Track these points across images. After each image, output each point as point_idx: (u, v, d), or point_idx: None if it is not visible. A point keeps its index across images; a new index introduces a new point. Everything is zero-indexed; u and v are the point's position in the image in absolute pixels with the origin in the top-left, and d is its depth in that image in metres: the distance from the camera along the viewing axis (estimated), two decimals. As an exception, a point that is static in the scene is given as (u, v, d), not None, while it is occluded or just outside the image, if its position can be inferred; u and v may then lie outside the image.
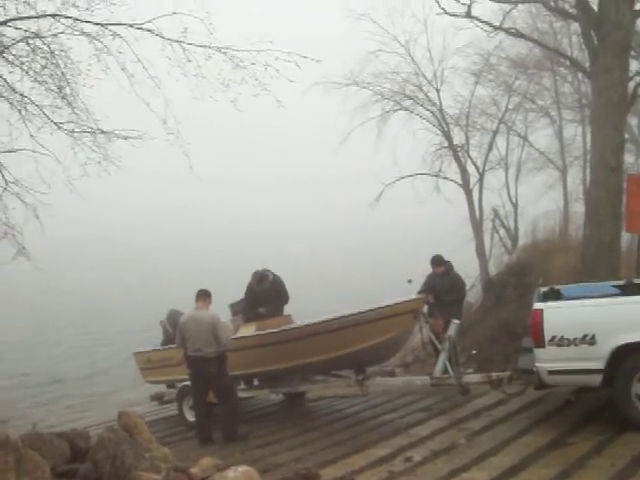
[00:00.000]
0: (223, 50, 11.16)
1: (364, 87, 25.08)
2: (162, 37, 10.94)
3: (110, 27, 10.85)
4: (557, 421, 9.13)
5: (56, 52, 11.07)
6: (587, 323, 8.22)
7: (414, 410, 11.23)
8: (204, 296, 11.23)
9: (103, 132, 11.40)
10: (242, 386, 12.79)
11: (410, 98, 25.53)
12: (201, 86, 11.26)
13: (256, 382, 13.12)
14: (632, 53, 13.73)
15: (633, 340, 7.95)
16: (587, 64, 14.40)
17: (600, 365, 8.09)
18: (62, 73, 11.16)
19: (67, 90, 11.27)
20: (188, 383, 11.82)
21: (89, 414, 17.76)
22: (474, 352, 12.78)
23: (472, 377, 10.45)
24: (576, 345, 8.17)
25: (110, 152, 11.62)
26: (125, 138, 11.35)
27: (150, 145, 12.01)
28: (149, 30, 10.88)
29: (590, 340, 8.12)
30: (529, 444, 8.21)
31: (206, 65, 11.18)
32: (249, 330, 12.07)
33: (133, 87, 11.19)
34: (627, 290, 9.39)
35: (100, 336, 35.54)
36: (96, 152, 11.49)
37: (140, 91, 11.19)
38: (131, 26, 10.78)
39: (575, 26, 19.42)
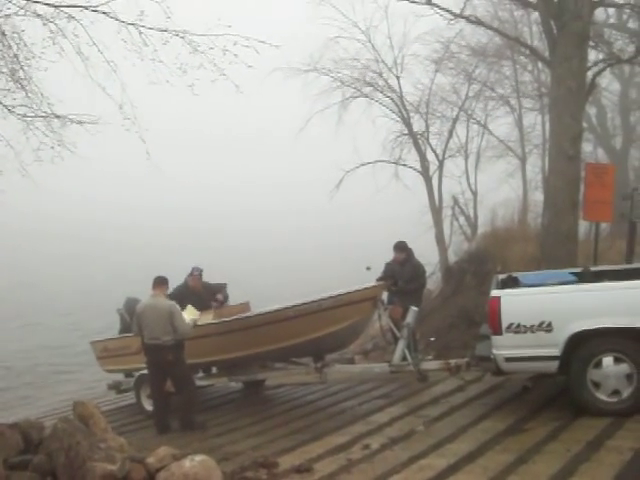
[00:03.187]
0: (180, 34, 10.97)
1: (324, 74, 25.04)
2: (118, 20, 10.71)
3: (65, 9, 10.59)
4: (514, 407, 9.19)
5: (8, 33, 10.79)
6: (544, 310, 8.27)
7: (373, 397, 11.23)
8: (160, 283, 11.09)
9: (57, 116, 11.14)
10: (200, 374, 12.70)
11: (370, 85, 25.53)
12: (158, 71, 11.08)
13: (215, 370, 13.04)
14: (590, 43, 13.78)
15: (589, 327, 8.02)
16: (547, 53, 14.47)
17: (556, 352, 8.15)
18: (15, 55, 10.87)
19: (20, 73, 10.98)
20: (145, 372, 11.71)
21: (43, 404, 17.51)
22: (433, 339, 12.84)
23: (431, 364, 10.49)
24: (533, 332, 8.22)
25: (65, 138, 11.40)
26: (80, 123, 11.12)
27: (108, 134, 11.83)
28: (104, 13, 10.63)
29: (547, 327, 8.17)
30: (487, 430, 8.26)
31: (163, 49, 10.99)
32: (206, 318, 11.97)
33: (88, 71, 10.96)
34: (584, 278, 9.47)
35: (57, 326, 35.17)
36: (49, 137, 11.26)
37: (96, 75, 10.98)
38: (86, 8, 10.52)
39: (535, 15, 19.51)
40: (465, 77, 26.37)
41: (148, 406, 12.25)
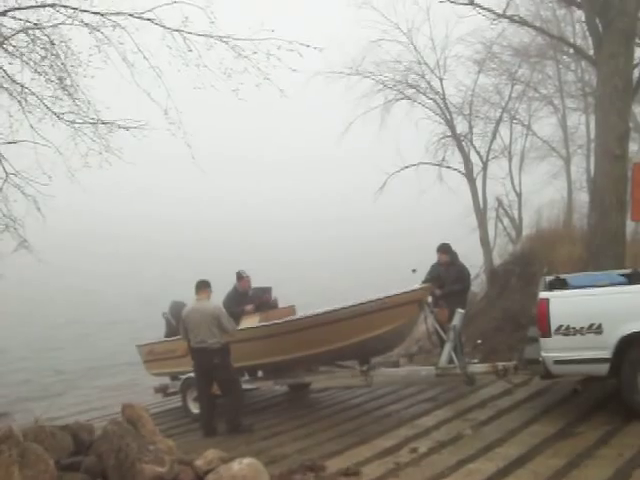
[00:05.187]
0: (224, 39, 11.05)
1: (366, 76, 24.92)
2: (163, 26, 10.83)
3: (110, 17, 10.74)
4: (564, 411, 9.09)
5: (56, 43, 10.96)
6: (594, 312, 8.16)
7: (419, 401, 11.20)
8: (204, 287, 11.18)
9: (104, 123, 11.30)
10: (246, 377, 12.76)
11: (413, 87, 25.38)
12: (203, 76, 11.17)
13: (260, 373, 13.08)
14: (637, 40, 13.59)
15: (640, 329, 7.90)
16: (591, 52, 14.29)
17: (607, 354, 8.04)
18: (62, 64, 11.06)
19: (67, 81, 11.16)
20: (192, 375, 11.79)
21: (93, 407, 17.71)
22: (479, 342, 12.73)
23: (478, 367, 10.40)
24: (582, 334, 8.12)
25: (112, 143, 11.56)
26: (126, 128, 11.24)
27: (154, 137, 11.96)
28: (149, 19, 10.77)
29: (597, 329, 8.06)
30: (536, 434, 8.17)
31: (207, 55, 11.07)
32: (253, 321, 12.03)
33: (134, 77, 11.09)
34: (633, 279, 9.32)
35: (103, 329, 35.61)
36: (97, 143, 11.42)
37: (141, 81, 11.11)
38: (131, 15, 10.67)
39: (579, 13, 19.26)
40: (508, 78, 26.10)
41: (194, 409, 12.35)
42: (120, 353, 25.64)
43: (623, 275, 9.55)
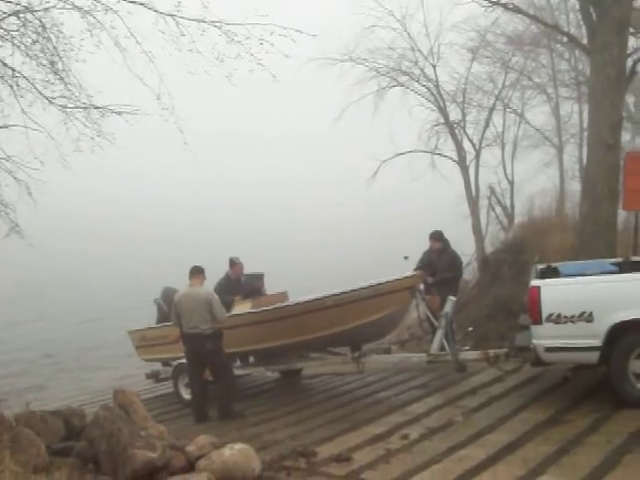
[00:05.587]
0: (217, 24, 10.98)
1: (360, 63, 24.93)
2: (155, 11, 10.73)
3: (102, 1, 10.68)
4: (554, 398, 9.13)
5: (47, 26, 10.84)
6: (585, 300, 8.19)
7: (410, 387, 11.22)
8: (198, 272, 11.16)
9: (96, 107, 11.22)
10: (238, 363, 12.79)
11: (406, 74, 25.37)
12: (195, 61, 11.10)
13: (252, 359, 13.11)
14: (631, 30, 13.57)
15: (630, 317, 7.94)
16: (585, 41, 14.27)
17: (597, 342, 8.08)
18: (54, 47, 10.96)
19: (59, 65, 11.06)
20: (184, 361, 11.80)
21: (84, 392, 17.73)
22: (470, 329, 12.78)
23: (469, 354, 10.45)
24: (573, 322, 8.15)
25: (104, 128, 11.50)
26: (119, 113, 11.17)
27: (147, 126, 11.90)
28: (142, 3, 10.66)
29: (587, 317, 8.09)
30: (526, 421, 8.22)
31: (200, 40, 10.99)
32: (245, 307, 12.04)
33: (126, 62, 11.00)
34: (624, 268, 9.36)
35: (94, 314, 35.58)
36: (89, 128, 11.35)
37: (133, 66, 11.03)
38: (124, -1, 10.62)
39: (572, 2, 19.39)
40: (501, 66, 26.10)
41: (186, 395, 12.38)
42: (113, 339, 25.65)
43: (614, 264, 9.58)
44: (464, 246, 18.78)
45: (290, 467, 7.35)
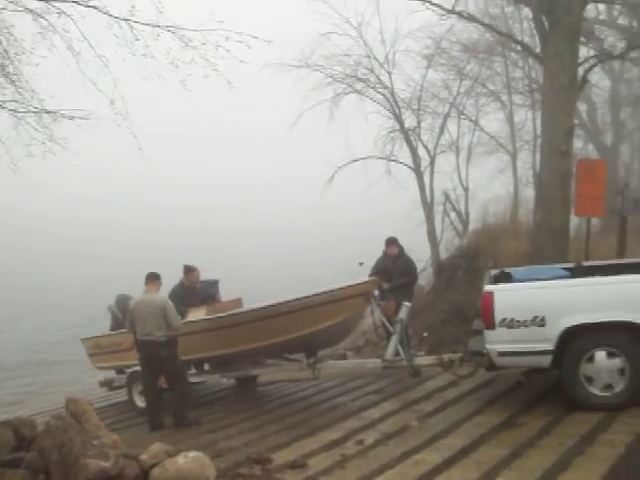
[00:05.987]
0: (172, 29, 10.94)
1: (316, 69, 25.02)
2: (109, 15, 10.67)
3: (55, 4, 10.55)
4: (508, 402, 9.21)
5: (-3, 29, 10.75)
6: (537, 305, 8.27)
7: (366, 393, 11.24)
8: (153, 279, 11.05)
9: (48, 112, 11.09)
10: (193, 371, 12.68)
11: (362, 81, 25.52)
12: (150, 66, 11.03)
13: (207, 366, 13.02)
14: (581, 39, 13.80)
15: (581, 322, 8.03)
16: (538, 49, 14.48)
17: (549, 346, 8.16)
18: (5, 50, 10.81)
19: (10, 68, 10.92)
20: (138, 368, 11.68)
21: (35, 401, 17.45)
22: (425, 335, 12.85)
23: (423, 359, 10.50)
24: (526, 327, 8.22)
25: (56, 134, 11.35)
26: (71, 118, 11.04)
27: (102, 130, 11.79)
28: (95, 7, 10.58)
29: (540, 322, 8.17)
30: (480, 425, 8.27)
31: (155, 44, 10.94)
32: (199, 314, 11.96)
33: (79, 66, 10.92)
34: (576, 272, 9.49)
35: (48, 324, 35.00)
36: (40, 132, 11.21)
37: (87, 70, 10.94)
38: (76, 3, 10.47)
39: (526, 11, 19.57)
40: (456, 73, 26.41)
41: (140, 403, 12.25)
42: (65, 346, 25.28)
43: (566, 269, 9.70)
44: (419, 252, 18.92)
45: (245, 474, 7.28)
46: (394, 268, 12.31)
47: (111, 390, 14.49)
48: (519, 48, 21.31)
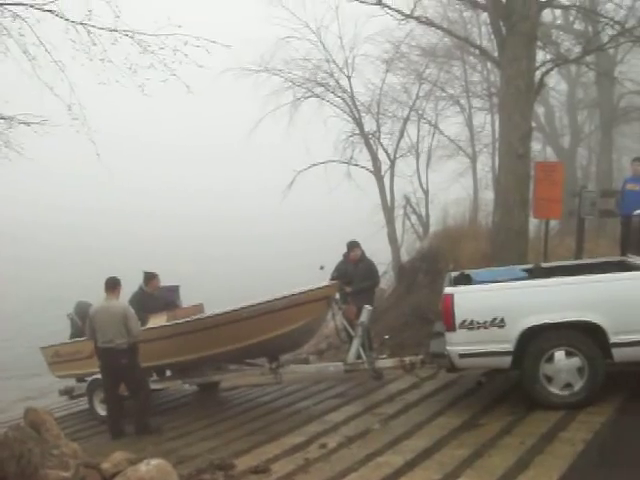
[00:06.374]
0: (130, 34, 10.88)
1: (275, 74, 25.04)
2: (65, 19, 10.56)
3: (9, 7, 10.43)
4: (469, 403, 9.28)
5: (-52, 31, 10.59)
6: (496, 306, 8.34)
7: (328, 397, 11.25)
8: (114, 285, 10.91)
9: (3, 118, 10.96)
10: (154, 377, 12.58)
11: (321, 85, 25.59)
12: (108, 71, 10.95)
13: (169, 373, 12.92)
14: (538, 44, 13.97)
15: (541, 322, 8.12)
16: (496, 54, 14.63)
17: (509, 347, 8.24)
18: (-44, 54, 10.70)
19: (-38, 72, 10.82)
20: (98, 376, 11.55)
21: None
22: (387, 337, 12.88)
23: (385, 362, 10.53)
24: (486, 328, 8.29)
25: (12, 139, 11.20)
26: (27, 124, 10.92)
27: (60, 136, 11.65)
28: (51, 11, 10.47)
29: (499, 323, 8.25)
30: (442, 426, 8.31)
31: (112, 49, 10.86)
32: (160, 321, 11.87)
33: (35, 71, 10.78)
34: (535, 274, 9.60)
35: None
36: None
37: (43, 75, 10.80)
38: (32, 6, 10.35)
39: (484, 16, 19.76)
40: (416, 77, 26.60)
41: (102, 411, 12.10)
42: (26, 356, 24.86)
43: (525, 270, 9.82)
44: (381, 255, 18.97)
45: (208, 480, 7.26)
46: (355, 272, 12.34)
47: (71, 399, 14.29)
48: (477, 52, 21.56)
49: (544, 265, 10.56)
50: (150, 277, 12.62)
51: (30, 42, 10.67)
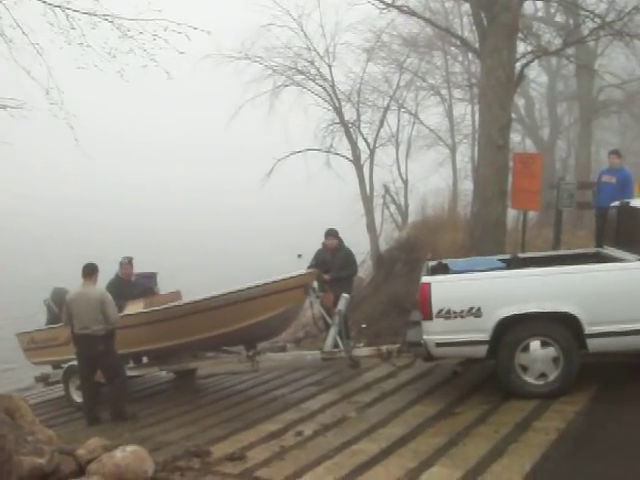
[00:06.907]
0: (109, 18, 10.77)
1: (256, 61, 24.93)
2: (43, 2, 10.44)
3: (-14, -12, 10.29)
4: (445, 392, 9.32)
5: None
6: (473, 296, 8.38)
7: (305, 385, 11.27)
8: (91, 271, 10.84)
9: (-22, 101, 10.83)
10: (131, 364, 12.54)
11: (302, 73, 25.51)
12: (86, 55, 10.84)
13: (145, 360, 12.89)
14: (519, 35, 14.01)
15: (516, 312, 8.17)
16: (477, 44, 14.65)
17: (485, 337, 8.28)
18: None
19: None
20: (74, 363, 11.51)
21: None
22: (364, 326, 12.92)
23: (362, 350, 10.54)
24: (462, 317, 8.32)
25: None
26: (3, 107, 10.80)
27: (38, 122, 11.55)
28: (29, -7, 10.37)
29: (476, 312, 8.28)
30: (418, 415, 8.35)
31: (91, 33, 10.75)
32: (137, 307, 11.83)
33: (12, 54, 10.65)
34: (512, 264, 9.65)
35: None
36: None
37: (20, 59, 10.67)
38: (9, -12, 10.25)
39: (466, 7, 19.80)
40: (396, 67, 26.61)
41: (77, 398, 12.07)
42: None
43: (502, 260, 9.86)
44: (359, 244, 19.00)
45: (184, 467, 7.24)
46: (333, 260, 12.33)
47: (47, 386, 14.23)
48: (459, 43, 21.57)
49: (521, 256, 10.62)
50: (123, 263, 12.64)
51: (7, 24, 10.54)
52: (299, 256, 11.11)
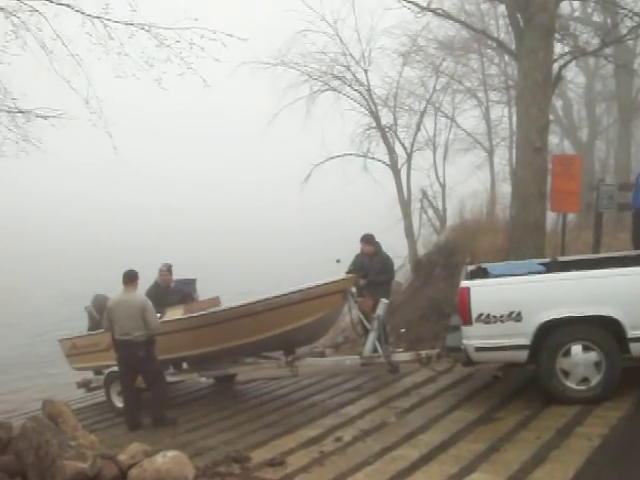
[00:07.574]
0: (146, 28, 10.89)
1: (292, 67, 24.93)
2: (82, 13, 10.59)
3: (27, 2, 10.46)
4: (485, 397, 9.25)
5: (-33, 26, 10.64)
6: (513, 300, 8.31)
7: (344, 390, 11.25)
8: (131, 278, 10.98)
9: (21, 112, 11.00)
10: (171, 370, 12.64)
11: (338, 78, 25.45)
12: (124, 64, 10.98)
13: (185, 366, 12.98)
14: (556, 36, 13.87)
15: (557, 316, 8.08)
16: (513, 46, 14.53)
17: (526, 341, 8.21)
18: (-24, 49, 10.74)
19: (-19, 67, 10.85)
20: (116, 369, 11.62)
21: (11, 404, 17.29)
22: (403, 331, 12.87)
23: (401, 355, 10.52)
24: (502, 322, 8.26)
25: (30, 133, 11.26)
26: (45, 117, 10.97)
27: (78, 129, 11.72)
28: (68, 5, 10.51)
29: (516, 317, 8.22)
30: (458, 420, 8.30)
31: (129, 43, 10.89)
32: (177, 313, 11.92)
33: (53, 65, 10.83)
34: (552, 267, 9.55)
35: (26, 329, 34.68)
36: (14, 132, 11.11)
37: (60, 69, 10.85)
38: (49, 1, 10.40)
39: (502, 8, 19.63)
40: (432, 70, 26.43)
41: (118, 403, 12.20)
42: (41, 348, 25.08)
43: (542, 264, 9.77)
44: (397, 249, 18.93)
45: (224, 473, 7.29)
46: (371, 265, 12.31)
47: (89, 391, 14.39)
48: (495, 45, 21.41)
49: (561, 259, 10.50)
50: (162, 270, 12.80)
51: (47, 36, 10.73)
52: (337, 261, 11.08)
